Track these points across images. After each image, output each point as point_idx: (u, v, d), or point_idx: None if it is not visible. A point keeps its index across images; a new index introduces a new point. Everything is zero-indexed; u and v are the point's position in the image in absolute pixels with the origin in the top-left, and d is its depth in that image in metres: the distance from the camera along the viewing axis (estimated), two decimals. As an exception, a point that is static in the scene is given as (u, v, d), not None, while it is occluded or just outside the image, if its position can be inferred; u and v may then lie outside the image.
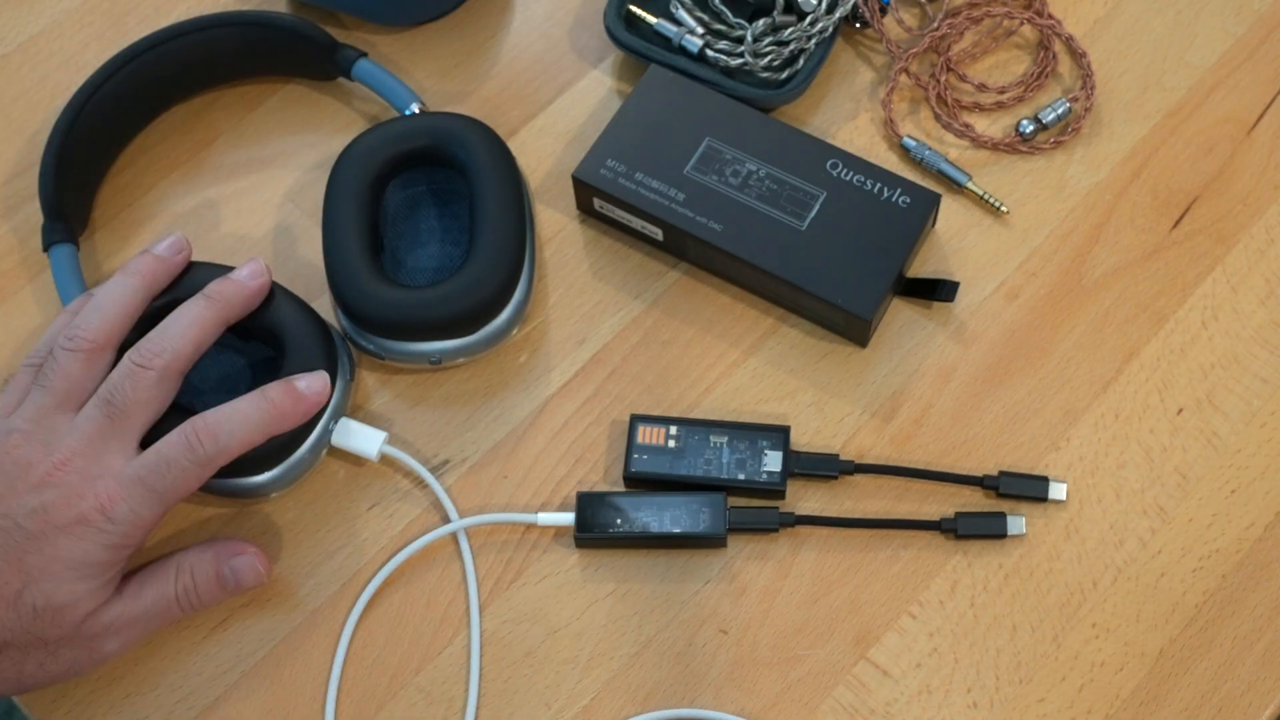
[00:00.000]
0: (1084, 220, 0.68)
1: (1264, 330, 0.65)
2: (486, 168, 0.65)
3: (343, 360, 0.63)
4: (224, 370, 0.63)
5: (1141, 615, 0.59)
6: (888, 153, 0.70)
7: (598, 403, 0.65)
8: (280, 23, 0.71)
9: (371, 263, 0.63)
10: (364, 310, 0.62)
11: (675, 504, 0.60)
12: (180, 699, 0.59)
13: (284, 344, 0.61)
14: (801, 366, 0.65)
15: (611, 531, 0.60)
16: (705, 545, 0.61)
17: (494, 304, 0.63)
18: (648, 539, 0.60)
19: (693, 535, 0.60)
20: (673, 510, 0.60)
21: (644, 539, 0.60)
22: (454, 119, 0.66)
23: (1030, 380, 0.64)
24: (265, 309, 0.61)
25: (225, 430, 0.56)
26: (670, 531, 0.60)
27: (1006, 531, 0.60)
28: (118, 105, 0.69)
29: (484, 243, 0.63)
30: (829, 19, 0.71)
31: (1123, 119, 0.71)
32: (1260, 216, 0.68)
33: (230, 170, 0.72)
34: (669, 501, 0.60)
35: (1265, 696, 0.57)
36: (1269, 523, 0.61)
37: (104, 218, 0.70)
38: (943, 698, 0.58)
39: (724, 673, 0.59)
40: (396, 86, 0.70)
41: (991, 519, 0.60)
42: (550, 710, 0.58)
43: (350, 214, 0.64)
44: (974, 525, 0.60)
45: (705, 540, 0.60)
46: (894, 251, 0.64)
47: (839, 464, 0.61)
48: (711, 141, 0.67)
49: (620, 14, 0.72)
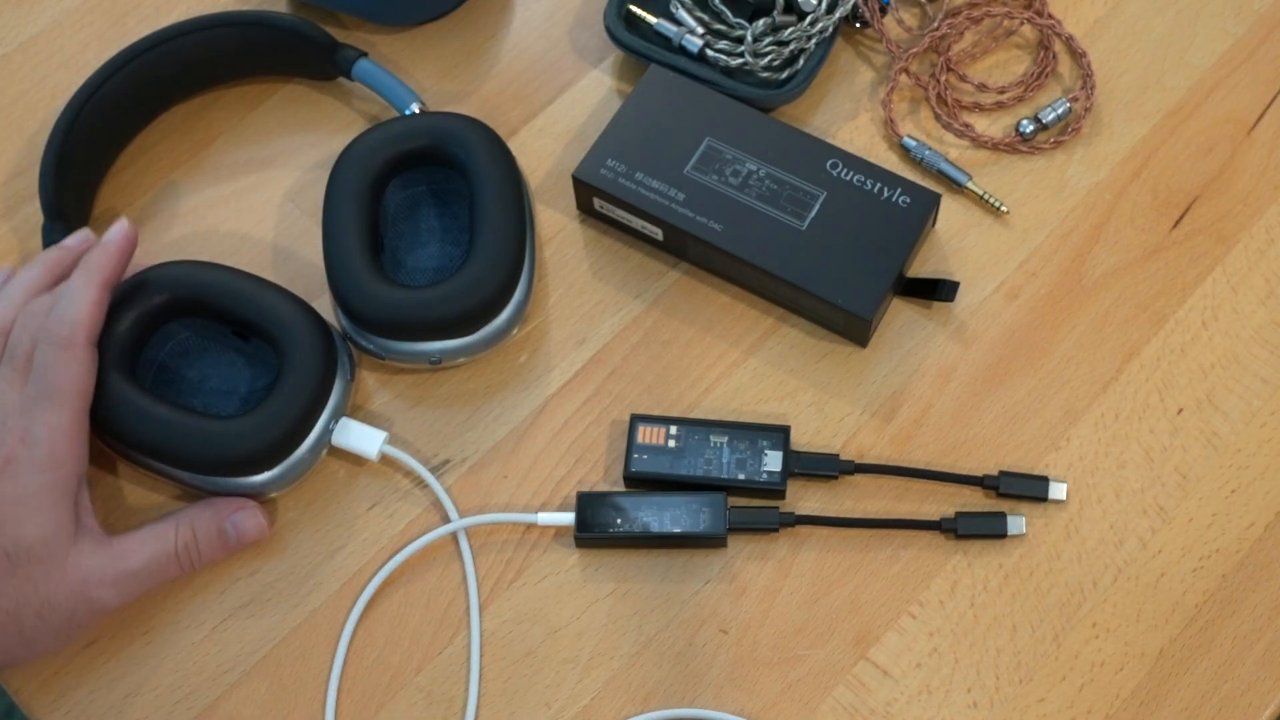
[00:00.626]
0: (1084, 220, 0.68)
1: (1264, 330, 0.65)
2: (486, 168, 0.65)
3: (343, 360, 0.63)
4: (225, 370, 0.63)
5: (1141, 615, 0.59)
6: (888, 153, 0.70)
7: (598, 403, 0.65)
8: (280, 23, 0.71)
9: (371, 263, 0.63)
10: (364, 310, 0.62)
11: (675, 504, 0.60)
12: (180, 699, 0.59)
13: (282, 344, 0.61)
14: (801, 366, 0.65)
15: (611, 531, 0.60)
16: (705, 545, 0.61)
17: (494, 304, 0.63)
18: (648, 539, 0.60)
19: (693, 535, 0.60)
20: (673, 510, 0.60)
21: (644, 539, 0.60)
22: (454, 119, 0.66)
23: (1030, 380, 0.64)
24: (264, 309, 0.61)
25: (64, 302, 0.57)
26: (670, 531, 0.60)
27: (1007, 531, 0.60)
28: (118, 105, 0.69)
29: (484, 243, 0.63)
30: (829, 19, 0.71)
31: (1123, 119, 0.71)
32: (1260, 216, 0.68)
33: (230, 170, 0.72)
34: (669, 501, 0.60)
35: (1265, 696, 0.57)
36: (1269, 523, 0.61)
37: (105, 217, 0.70)
38: (943, 698, 0.58)
39: (724, 673, 0.59)
40: (396, 86, 0.70)
41: (992, 519, 0.60)
42: (550, 710, 0.58)
43: (350, 214, 0.64)
44: (974, 525, 0.60)
45: (705, 540, 0.60)
46: (894, 251, 0.64)
47: (839, 464, 0.61)
48: (711, 141, 0.67)
49: (620, 14, 0.72)
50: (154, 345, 0.63)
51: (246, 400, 0.63)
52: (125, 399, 0.59)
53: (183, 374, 0.63)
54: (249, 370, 0.63)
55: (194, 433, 0.59)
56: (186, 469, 0.59)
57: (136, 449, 0.60)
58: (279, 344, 0.61)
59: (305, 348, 0.60)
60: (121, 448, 0.60)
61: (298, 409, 0.59)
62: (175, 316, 0.63)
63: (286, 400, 0.59)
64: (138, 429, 0.59)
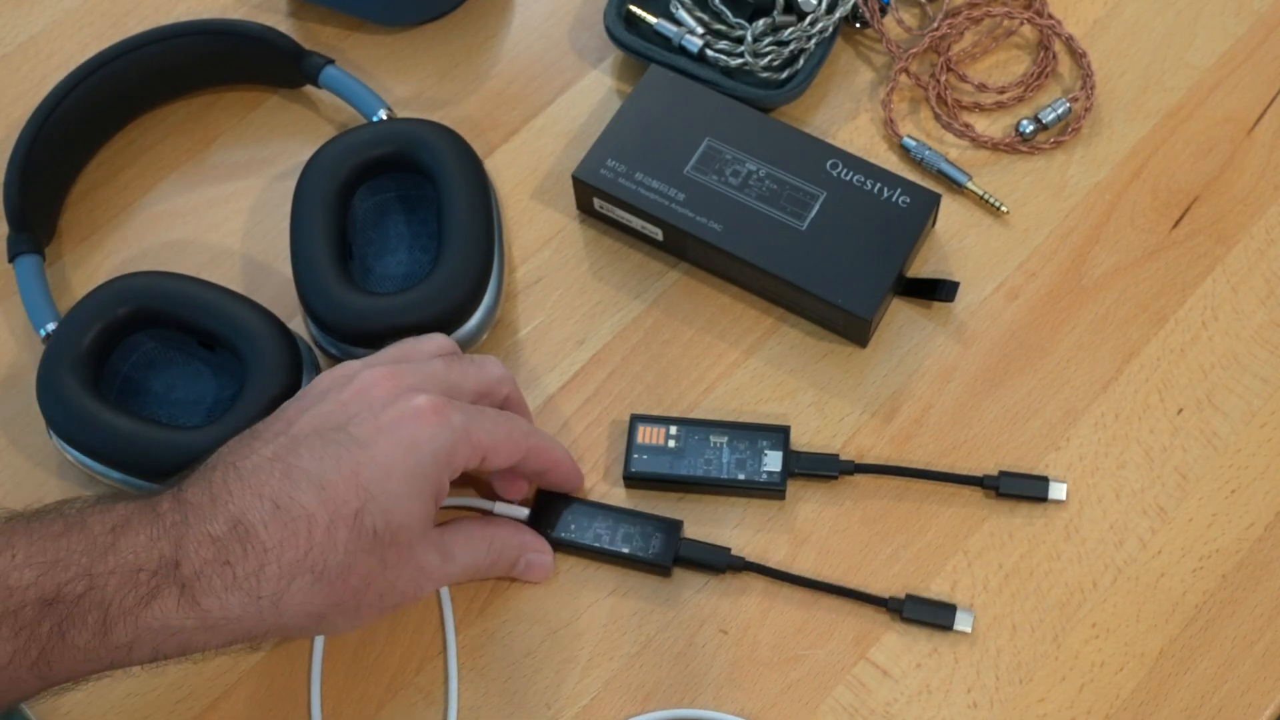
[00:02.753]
0: (1084, 220, 0.68)
1: (1264, 330, 0.65)
2: (453, 173, 0.64)
3: (308, 369, 0.62)
4: (191, 380, 0.63)
5: (1141, 615, 0.59)
6: (888, 153, 0.70)
7: (598, 403, 0.65)
8: (246, 30, 0.71)
9: (340, 270, 0.62)
10: (332, 318, 0.62)
11: (628, 522, 0.60)
12: (180, 699, 0.59)
13: (246, 354, 0.60)
14: (801, 366, 0.65)
15: (563, 536, 0.60)
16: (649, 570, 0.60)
17: (462, 310, 0.63)
18: (593, 552, 0.60)
19: (639, 559, 0.60)
20: (625, 528, 0.60)
21: (590, 551, 0.60)
22: (420, 125, 0.66)
23: (1030, 380, 0.64)
24: (227, 318, 0.61)
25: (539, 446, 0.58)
26: (619, 550, 0.60)
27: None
28: (84, 115, 0.69)
29: (452, 249, 0.63)
30: (829, 19, 0.71)
31: (1123, 119, 0.71)
32: (1260, 216, 0.68)
33: (230, 170, 0.72)
34: (623, 518, 0.60)
35: (1265, 696, 0.57)
36: (1269, 523, 0.61)
37: (72, 229, 0.70)
38: (943, 698, 0.58)
39: (724, 673, 0.59)
40: (364, 93, 0.70)
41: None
42: (550, 710, 0.58)
43: (318, 221, 0.63)
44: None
45: (649, 566, 0.60)
46: (894, 251, 0.64)
47: (839, 464, 0.61)
48: (711, 141, 0.67)
49: (620, 14, 0.72)
50: (119, 357, 0.62)
51: (212, 411, 0.62)
52: (88, 411, 0.59)
53: (148, 385, 0.63)
54: (215, 381, 0.63)
55: (157, 443, 0.58)
56: (151, 479, 0.59)
57: (100, 460, 0.59)
58: (242, 354, 0.61)
59: (268, 357, 0.60)
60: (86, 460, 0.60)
61: (263, 418, 0.59)
62: (140, 328, 0.62)
63: (250, 410, 0.59)
64: (100, 441, 0.59)
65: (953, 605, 0.59)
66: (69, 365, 0.59)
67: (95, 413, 0.59)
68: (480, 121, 0.72)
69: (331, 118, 0.73)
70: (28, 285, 0.65)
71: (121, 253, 0.69)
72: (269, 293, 0.67)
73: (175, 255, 0.69)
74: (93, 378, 0.60)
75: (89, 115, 0.69)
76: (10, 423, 0.65)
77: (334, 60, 0.71)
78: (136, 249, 0.70)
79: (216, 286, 0.62)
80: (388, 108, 0.70)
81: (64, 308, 0.65)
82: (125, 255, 0.69)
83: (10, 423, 0.65)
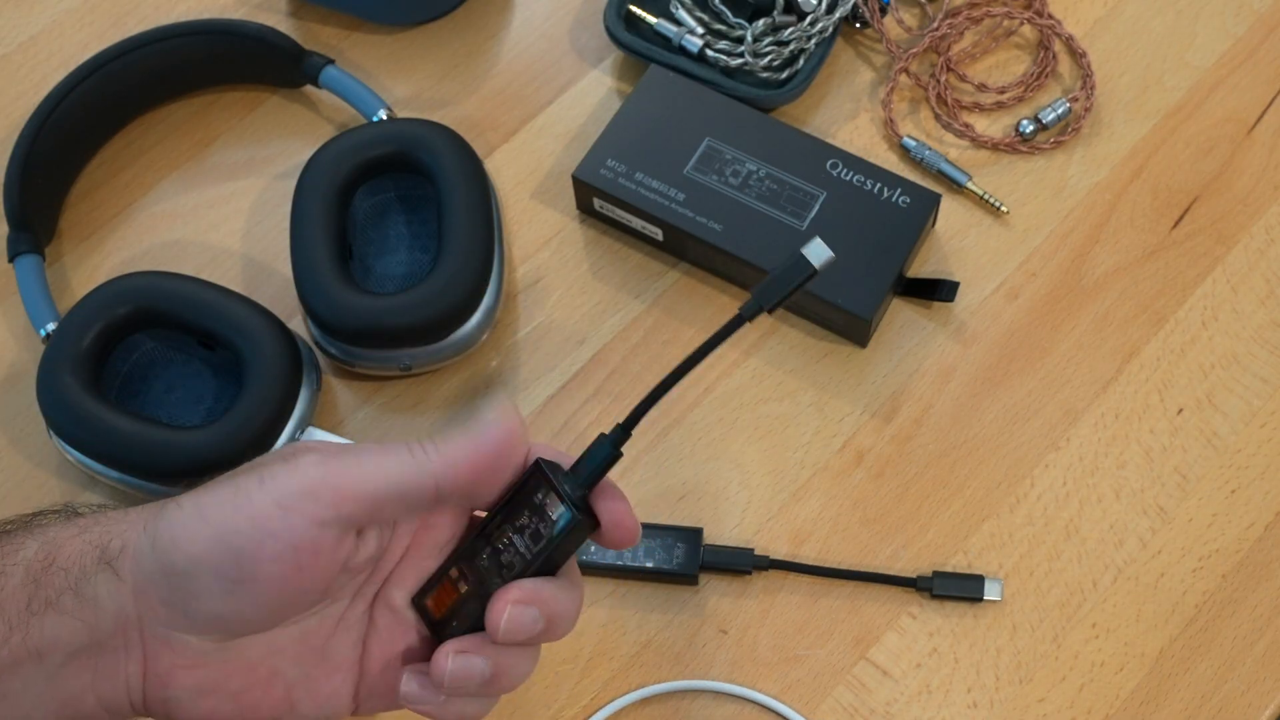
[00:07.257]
0: (1084, 220, 0.68)
1: (1264, 330, 0.65)
2: (453, 173, 0.64)
3: (309, 369, 0.62)
4: (191, 380, 0.63)
5: (1141, 615, 0.59)
6: (888, 153, 0.70)
7: (598, 403, 0.65)
8: (245, 31, 0.71)
9: (340, 270, 0.62)
10: (332, 318, 0.62)
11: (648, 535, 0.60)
12: None
13: (246, 353, 0.60)
14: (801, 366, 0.65)
15: (585, 559, 0.60)
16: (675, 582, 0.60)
17: (462, 310, 0.63)
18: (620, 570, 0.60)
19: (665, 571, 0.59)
20: (646, 542, 0.60)
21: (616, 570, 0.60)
22: (421, 125, 0.66)
23: (1030, 380, 0.64)
24: (227, 318, 0.61)
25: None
26: (643, 566, 0.59)
27: (984, 595, 0.59)
28: (84, 115, 0.69)
29: (452, 248, 0.63)
30: (829, 19, 0.71)
31: (1123, 119, 0.71)
32: (1260, 216, 0.68)
33: (230, 170, 0.72)
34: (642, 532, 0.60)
35: (1265, 696, 0.57)
36: (1269, 523, 0.61)
37: (73, 229, 0.70)
38: (943, 698, 0.58)
39: (724, 673, 0.59)
40: (364, 93, 0.70)
41: (967, 581, 0.59)
42: (550, 710, 0.58)
43: (318, 221, 0.63)
44: (949, 586, 0.59)
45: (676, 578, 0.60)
46: (894, 251, 0.64)
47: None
48: (711, 141, 0.67)
49: (620, 14, 0.72)
50: (119, 357, 0.62)
51: (212, 411, 0.62)
52: (88, 411, 0.59)
53: (149, 385, 0.63)
54: (215, 380, 0.63)
55: (157, 443, 0.58)
56: (150, 479, 0.59)
57: (100, 460, 0.59)
58: (242, 353, 0.60)
59: (268, 356, 0.60)
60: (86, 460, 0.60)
61: (262, 418, 0.59)
62: (140, 328, 0.62)
63: (250, 409, 0.59)
64: (100, 441, 0.59)
65: (980, 576, 0.59)
66: (69, 365, 0.59)
67: (95, 413, 0.59)
68: (480, 121, 0.72)
69: (331, 118, 0.73)
70: (28, 285, 0.65)
71: (121, 253, 0.69)
72: (269, 293, 0.67)
73: (175, 255, 0.69)
74: (93, 378, 0.60)
75: (89, 115, 0.69)
76: (10, 423, 0.65)
77: (334, 60, 0.71)
78: (136, 249, 0.70)
79: (216, 286, 0.62)
80: (388, 108, 0.70)
81: (64, 308, 0.65)
82: (125, 255, 0.69)
83: (10, 423, 0.65)
